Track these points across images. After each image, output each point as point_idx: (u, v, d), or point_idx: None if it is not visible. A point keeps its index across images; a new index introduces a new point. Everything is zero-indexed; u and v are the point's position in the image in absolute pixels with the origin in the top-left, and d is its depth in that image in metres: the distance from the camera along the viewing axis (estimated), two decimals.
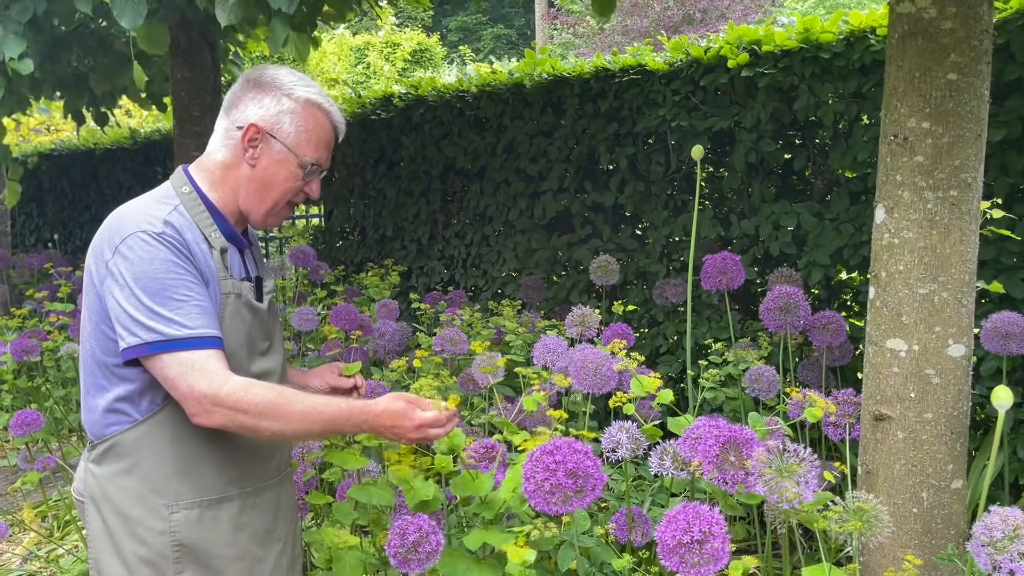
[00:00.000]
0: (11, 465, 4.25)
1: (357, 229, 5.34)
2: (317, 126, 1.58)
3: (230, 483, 1.54)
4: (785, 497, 1.34)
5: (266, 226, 1.65)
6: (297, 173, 1.57)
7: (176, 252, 1.42)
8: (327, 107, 1.60)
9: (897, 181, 1.95)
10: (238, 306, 1.52)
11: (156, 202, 1.51)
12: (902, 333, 1.97)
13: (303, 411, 1.43)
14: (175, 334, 1.38)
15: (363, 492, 1.86)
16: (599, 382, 2.32)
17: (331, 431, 1.51)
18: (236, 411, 1.39)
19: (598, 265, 3.53)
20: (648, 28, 14.65)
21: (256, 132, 1.54)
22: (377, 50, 16.35)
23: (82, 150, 7.35)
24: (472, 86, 4.31)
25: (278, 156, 1.56)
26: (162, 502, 1.47)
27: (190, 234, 1.47)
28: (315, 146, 1.58)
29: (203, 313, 1.42)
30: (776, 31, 3.14)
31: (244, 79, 1.60)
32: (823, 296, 3.32)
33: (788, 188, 3.40)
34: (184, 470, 1.49)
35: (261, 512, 1.59)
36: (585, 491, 1.41)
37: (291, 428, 1.43)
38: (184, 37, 3.99)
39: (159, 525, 1.47)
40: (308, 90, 1.58)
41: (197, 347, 1.39)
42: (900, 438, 1.98)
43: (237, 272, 1.57)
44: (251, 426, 1.41)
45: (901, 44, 1.96)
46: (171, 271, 1.41)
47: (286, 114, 1.55)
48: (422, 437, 1.54)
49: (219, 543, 1.51)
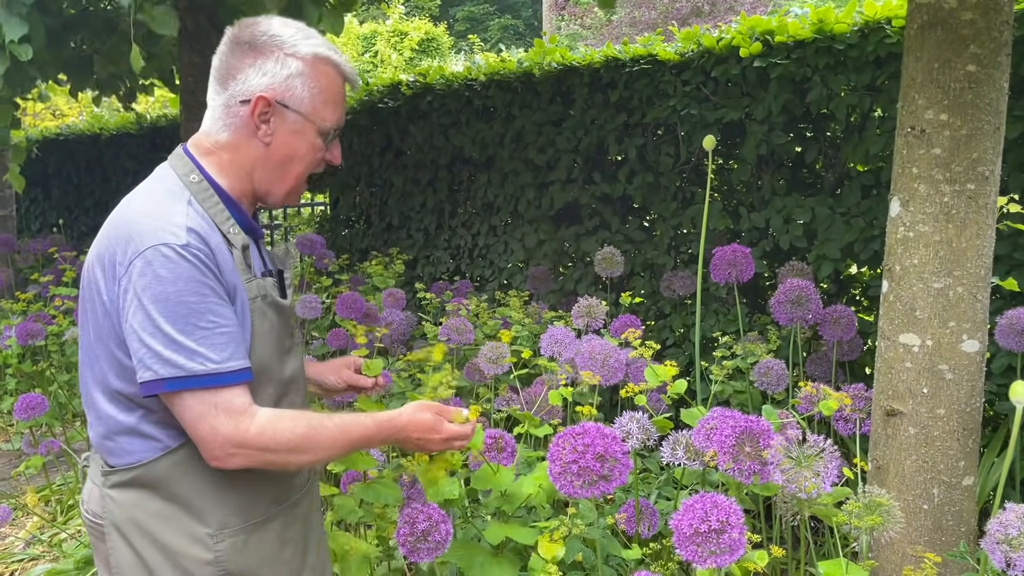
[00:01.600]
0: (15, 449, 4.25)
1: (363, 217, 5.32)
2: (330, 84, 1.38)
3: (273, 502, 1.41)
4: (804, 488, 1.32)
5: (285, 205, 1.50)
6: (318, 142, 1.39)
7: (203, 268, 1.23)
8: (336, 59, 1.38)
9: (913, 174, 1.93)
10: (264, 308, 1.35)
11: (170, 200, 1.30)
12: (916, 328, 1.95)
13: (331, 438, 1.32)
14: (199, 370, 1.21)
15: (370, 491, 1.83)
16: (607, 373, 2.31)
17: (359, 449, 1.41)
18: (264, 451, 1.26)
19: (602, 257, 3.51)
20: (656, 20, 14.59)
21: (267, 105, 1.33)
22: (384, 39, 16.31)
23: (87, 135, 7.33)
24: (481, 75, 4.29)
25: (294, 127, 1.36)
26: (206, 531, 1.32)
27: (214, 238, 1.28)
28: (332, 107, 1.39)
29: (230, 342, 1.24)
30: (789, 21, 3.11)
31: (233, 40, 1.36)
32: (832, 290, 3.30)
33: (799, 181, 3.38)
34: (227, 496, 1.34)
35: (300, 522, 1.48)
36: (612, 476, 1.40)
37: (319, 457, 1.33)
38: (192, 21, 3.97)
39: (205, 555, 1.32)
40: (311, 43, 1.36)
41: (223, 383, 1.23)
42: (912, 434, 1.96)
43: (258, 268, 1.39)
44: (279, 463, 1.29)
45: (920, 35, 1.94)
46: (196, 292, 1.22)
47: (295, 78, 1.34)
48: (448, 448, 1.51)
49: (267, 564, 1.39)
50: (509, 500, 1.78)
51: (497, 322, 3.54)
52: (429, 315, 3.93)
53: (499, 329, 3.50)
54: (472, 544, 1.79)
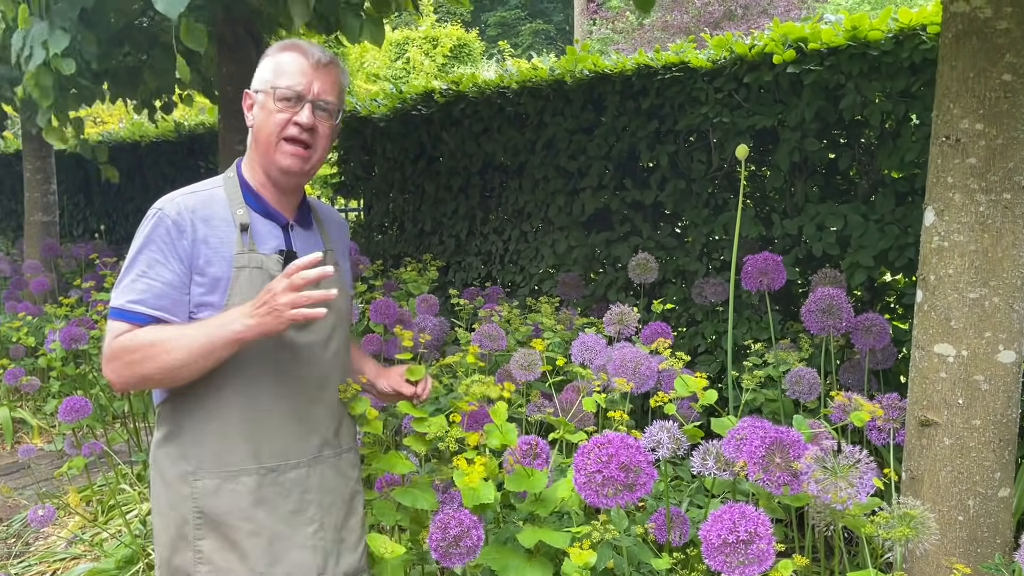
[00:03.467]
0: (57, 450, 4.35)
1: (396, 224, 5.38)
2: (285, 60, 1.63)
3: (249, 458, 1.58)
4: (839, 498, 1.32)
5: (283, 174, 1.62)
6: (273, 106, 1.60)
7: (162, 229, 1.54)
8: (296, 43, 1.66)
9: (948, 183, 1.92)
10: (255, 277, 1.57)
11: (191, 186, 1.65)
12: (951, 338, 1.93)
13: (175, 337, 1.49)
14: (115, 303, 1.53)
15: (407, 495, 1.86)
16: (638, 380, 2.31)
17: (211, 340, 1.48)
18: (123, 353, 1.49)
19: (636, 263, 3.52)
20: (688, 24, 14.53)
21: (248, 97, 1.66)
22: (417, 45, 16.43)
23: (128, 142, 7.49)
24: (513, 82, 4.32)
25: (260, 103, 1.63)
26: (188, 469, 1.57)
27: (203, 213, 1.57)
28: (285, 76, 1.61)
29: (147, 290, 1.52)
30: (823, 28, 3.10)
31: None
32: (866, 298, 3.28)
33: (832, 188, 3.36)
34: (207, 441, 1.57)
35: (285, 491, 1.61)
36: (636, 485, 1.41)
37: (172, 355, 1.48)
38: (230, 32, 4.04)
39: (185, 490, 1.57)
40: (282, 42, 1.68)
41: (121, 318, 1.51)
42: (947, 444, 1.95)
43: (270, 247, 1.62)
44: (144, 368, 1.49)
45: (955, 44, 1.93)
46: (144, 247, 1.54)
47: (264, 69, 1.64)
48: (290, 288, 1.43)
49: (236, 516, 1.57)
50: (543, 504, 1.80)
51: (529, 328, 3.56)
52: (462, 321, 3.97)
53: (531, 335, 3.52)
54: (506, 548, 1.81)
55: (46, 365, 4.43)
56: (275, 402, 1.60)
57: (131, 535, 3.05)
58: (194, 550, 1.56)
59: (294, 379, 1.62)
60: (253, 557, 1.56)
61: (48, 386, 4.86)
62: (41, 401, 5.11)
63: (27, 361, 5.02)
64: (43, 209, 6.46)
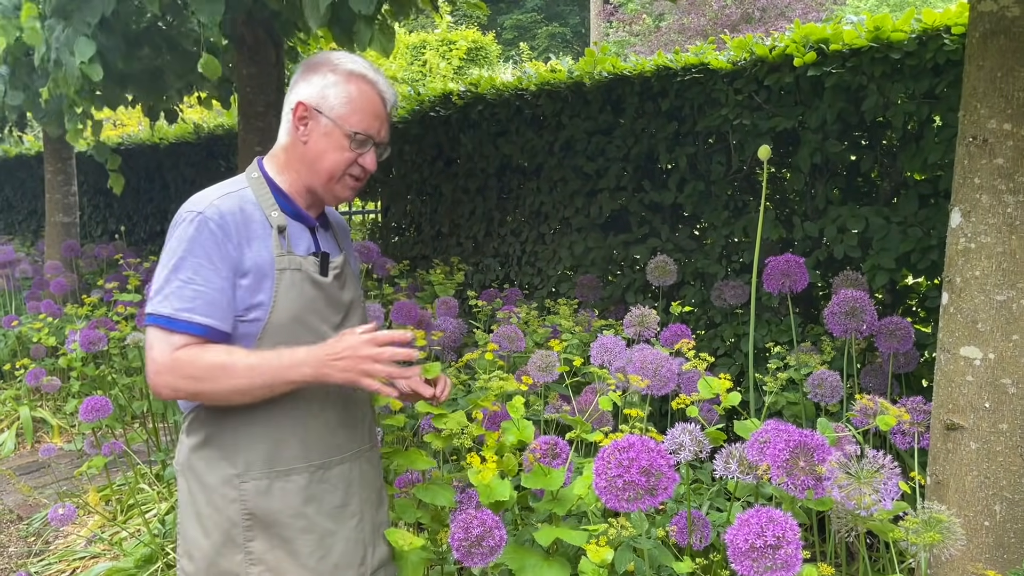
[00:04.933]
0: (77, 449, 4.39)
1: (413, 225, 5.38)
2: (361, 96, 1.59)
3: (298, 457, 1.59)
4: (863, 504, 1.31)
5: (336, 200, 1.68)
6: (344, 144, 1.59)
7: (207, 232, 1.49)
8: (372, 77, 1.61)
9: (975, 184, 1.90)
10: (296, 279, 1.57)
11: (222, 186, 1.60)
12: (977, 341, 1.91)
13: (240, 371, 1.46)
14: (162, 310, 1.47)
15: (427, 492, 1.87)
16: (659, 383, 2.30)
17: (281, 382, 1.49)
18: (179, 374, 1.46)
19: (655, 266, 3.50)
20: (706, 26, 14.48)
21: (304, 110, 1.59)
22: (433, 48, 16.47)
23: (148, 144, 7.55)
24: (531, 84, 4.31)
25: (325, 130, 1.58)
26: (234, 472, 1.55)
27: (240, 216, 1.54)
28: (360, 116, 1.59)
29: (196, 297, 1.47)
30: (845, 29, 3.07)
31: (302, 64, 1.67)
32: (887, 301, 3.25)
33: (853, 190, 3.33)
34: (253, 442, 1.56)
35: (331, 486, 1.63)
36: (657, 490, 1.40)
37: (230, 386, 1.47)
38: (250, 34, 4.06)
39: (231, 493, 1.55)
40: (354, 63, 1.61)
41: (172, 327, 1.47)
42: (973, 449, 1.93)
43: (303, 249, 1.62)
44: (196, 388, 1.48)
45: (982, 43, 1.91)
46: (189, 252, 1.49)
47: (330, 87, 1.58)
48: (370, 358, 1.47)
49: (288, 514, 1.57)
50: (560, 503, 1.80)
51: (547, 330, 3.55)
52: (480, 322, 3.96)
53: (549, 337, 3.51)
54: (523, 548, 1.80)
55: (66, 365, 4.46)
56: (322, 401, 1.62)
57: (150, 534, 3.07)
58: (245, 552, 1.55)
59: None
60: (304, 553, 1.58)
61: (68, 386, 4.90)
62: (61, 401, 5.15)
63: (48, 361, 5.07)
64: (64, 210, 6.52)
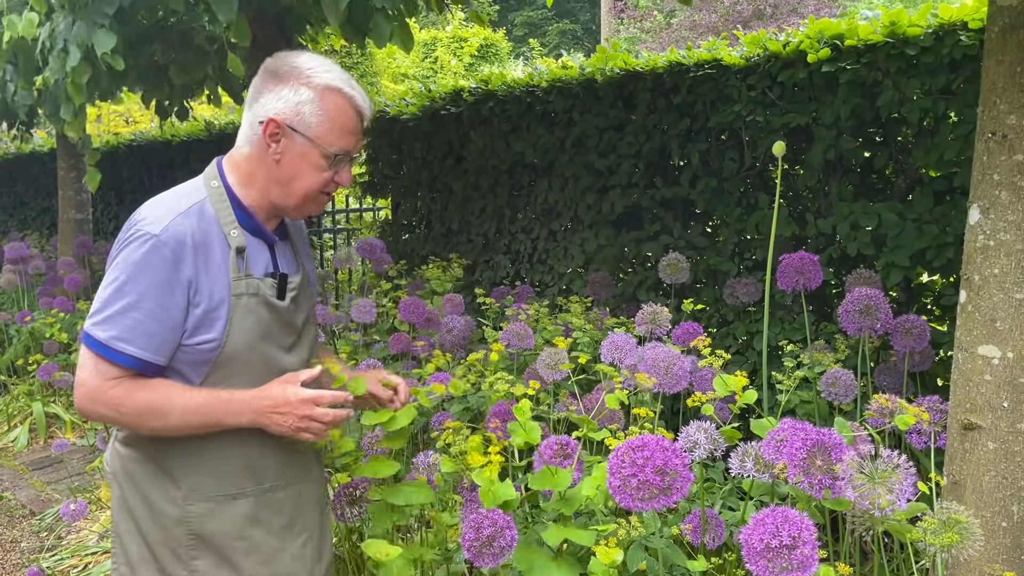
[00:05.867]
0: (89, 444, 4.41)
1: (424, 223, 5.38)
2: (339, 113, 1.51)
3: (246, 480, 1.55)
4: (878, 504, 1.29)
5: (303, 217, 1.62)
6: (322, 164, 1.51)
7: (159, 259, 1.40)
8: (348, 91, 1.51)
9: (994, 180, 1.87)
10: (252, 304, 1.49)
11: (179, 197, 1.51)
12: (995, 339, 1.88)
13: (179, 411, 1.43)
14: (99, 335, 1.40)
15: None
16: (670, 381, 2.28)
17: (216, 424, 1.47)
18: (115, 410, 1.42)
19: (667, 263, 3.49)
20: (717, 23, 14.41)
21: (276, 127, 1.49)
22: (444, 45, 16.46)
23: (160, 141, 7.57)
24: (542, 81, 4.30)
25: (301, 149, 1.50)
26: (179, 493, 1.51)
27: (200, 237, 1.45)
28: (338, 134, 1.51)
29: (136, 327, 1.40)
30: (860, 25, 3.04)
31: (264, 69, 1.54)
32: (902, 299, 3.22)
33: (868, 187, 3.30)
34: (197, 465, 1.51)
35: (278, 509, 1.59)
36: (672, 489, 1.38)
37: (170, 424, 1.44)
38: (261, 31, 4.06)
39: (175, 513, 1.51)
40: (328, 75, 1.50)
41: (106, 356, 1.40)
42: (990, 449, 1.90)
43: (260, 269, 1.54)
44: (132, 423, 1.45)
45: (1001, 38, 1.88)
46: (136, 275, 1.40)
47: (305, 104, 1.48)
48: (309, 417, 1.46)
49: (233, 536, 1.53)
50: (568, 503, 1.78)
51: (558, 328, 3.54)
52: (489, 320, 3.95)
53: (560, 335, 3.50)
54: (532, 548, 1.79)
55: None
56: None
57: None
58: (189, 569, 1.52)
59: None
60: (248, 572, 1.55)
61: None
62: None
63: (60, 357, 5.09)
64: (76, 207, 6.55)
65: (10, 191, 9.53)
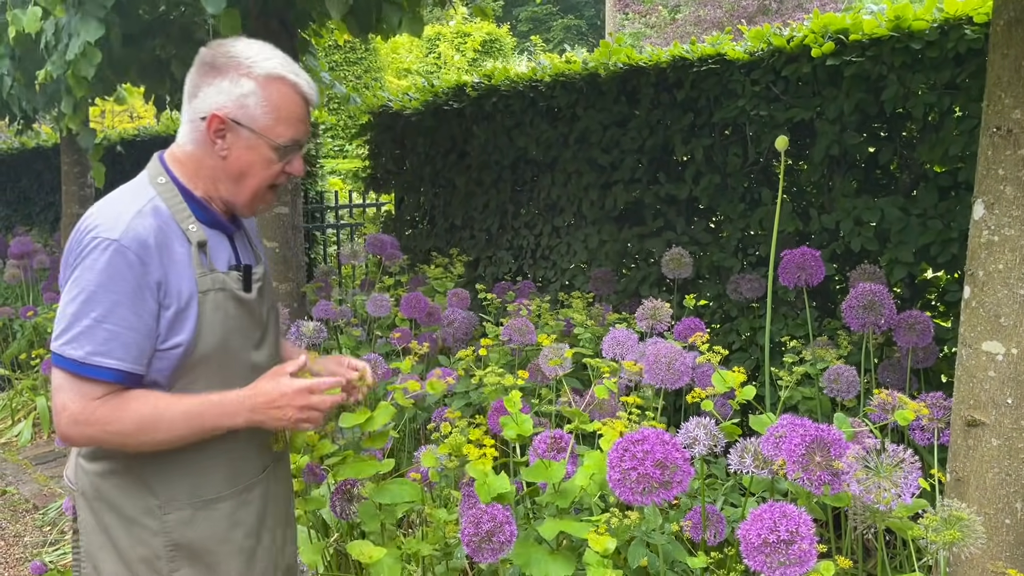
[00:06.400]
0: None
1: (426, 218, 5.37)
2: (285, 102, 1.44)
3: (224, 483, 1.50)
4: (882, 499, 1.28)
5: (253, 213, 1.55)
6: (272, 156, 1.45)
7: (123, 264, 1.32)
8: (292, 78, 1.44)
9: (999, 175, 1.86)
10: (219, 300, 1.44)
11: (129, 198, 1.41)
12: (1000, 335, 1.87)
13: (171, 421, 1.37)
14: (72, 354, 1.32)
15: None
16: (672, 377, 2.27)
17: (211, 430, 1.41)
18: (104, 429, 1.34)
19: (670, 258, 3.47)
20: (722, 18, 14.36)
21: (221, 123, 1.41)
22: (448, 40, 16.44)
23: (162, 136, 7.58)
24: (546, 75, 4.28)
25: (248, 143, 1.43)
26: (156, 502, 1.44)
27: (161, 236, 1.38)
28: (286, 124, 1.44)
29: (111, 339, 1.32)
30: (865, 19, 3.02)
31: (199, 61, 1.45)
32: (906, 295, 3.20)
33: (871, 182, 3.28)
34: (176, 473, 1.45)
35: (253, 507, 1.55)
36: (672, 483, 1.37)
37: (164, 438, 1.37)
38: (264, 25, 4.05)
39: (154, 524, 1.44)
40: (269, 63, 1.43)
41: (84, 373, 1.32)
42: (994, 445, 1.89)
43: (223, 262, 1.49)
44: (123, 442, 1.37)
45: (1007, 31, 1.86)
46: (102, 285, 1.32)
47: (249, 96, 1.41)
48: (308, 407, 1.41)
49: (214, 541, 1.48)
50: (563, 495, 1.78)
51: (559, 323, 3.53)
52: (491, 315, 3.95)
53: (561, 330, 3.49)
54: (530, 543, 1.79)
55: None
56: None
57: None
58: None
59: None
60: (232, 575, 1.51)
61: None
62: None
63: None
64: (80, 202, 6.55)
65: (15, 186, 9.54)
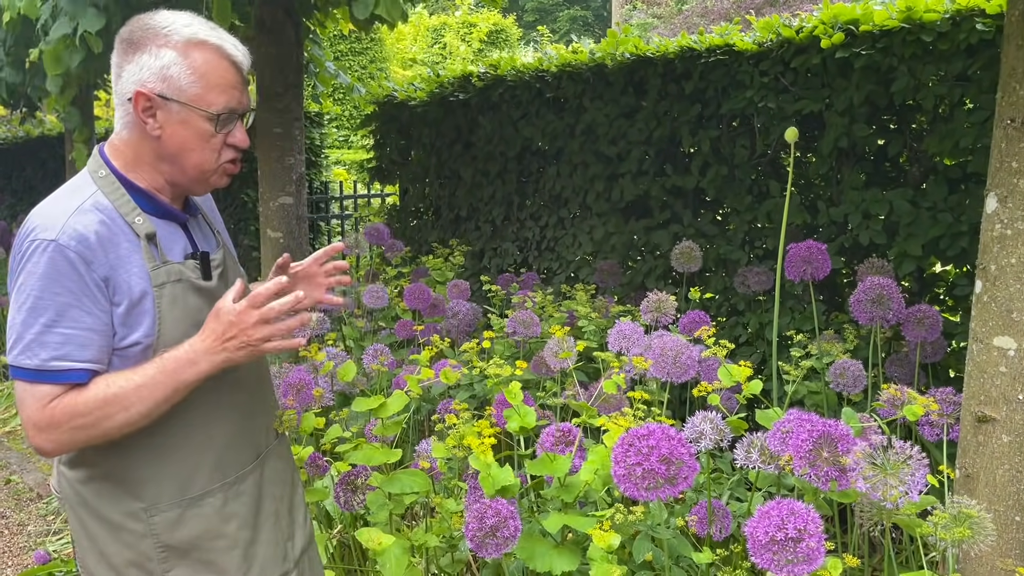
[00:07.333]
0: None
1: (432, 209, 5.35)
2: (210, 67, 1.34)
3: (211, 477, 1.44)
4: (889, 496, 1.26)
5: (208, 190, 1.47)
6: (208, 128, 1.36)
7: (65, 264, 1.26)
8: (215, 41, 1.35)
9: (1013, 168, 1.83)
10: (178, 292, 1.37)
11: (68, 196, 1.35)
12: (1012, 330, 1.85)
13: (139, 388, 1.29)
14: (27, 363, 1.27)
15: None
16: (678, 370, 2.25)
17: (184, 385, 1.32)
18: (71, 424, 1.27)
19: (680, 251, 3.45)
20: (729, 9, 14.28)
21: (147, 100, 1.33)
22: (453, 30, 16.37)
23: None
24: (552, 66, 4.25)
25: (180, 117, 1.34)
26: (140, 505, 1.39)
27: (105, 231, 1.30)
28: (217, 91, 1.35)
29: (66, 342, 1.27)
30: (876, 10, 2.99)
31: (118, 39, 1.37)
32: (914, 289, 3.17)
33: (880, 174, 3.25)
34: (160, 471, 1.40)
35: (247, 497, 1.50)
36: (678, 479, 1.36)
37: (139, 410, 1.30)
38: (268, 14, 4.03)
39: (139, 528, 1.39)
40: (188, 29, 1.34)
41: (42, 379, 1.27)
42: (1005, 441, 1.87)
43: (178, 252, 1.41)
44: (97, 431, 1.29)
45: (1021, 22, 1.83)
46: (46, 289, 1.26)
47: (171, 67, 1.32)
48: (260, 322, 1.30)
49: (207, 538, 1.43)
50: (568, 489, 1.76)
51: (563, 315, 3.51)
52: (495, 307, 3.93)
53: (565, 323, 3.47)
54: (535, 537, 1.78)
55: None
56: (229, 412, 1.48)
57: None
58: None
59: (240, 382, 1.50)
60: (231, 570, 1.46)
61: None
62: None
63: None
64: None
65: (20, 175, 9.54)
